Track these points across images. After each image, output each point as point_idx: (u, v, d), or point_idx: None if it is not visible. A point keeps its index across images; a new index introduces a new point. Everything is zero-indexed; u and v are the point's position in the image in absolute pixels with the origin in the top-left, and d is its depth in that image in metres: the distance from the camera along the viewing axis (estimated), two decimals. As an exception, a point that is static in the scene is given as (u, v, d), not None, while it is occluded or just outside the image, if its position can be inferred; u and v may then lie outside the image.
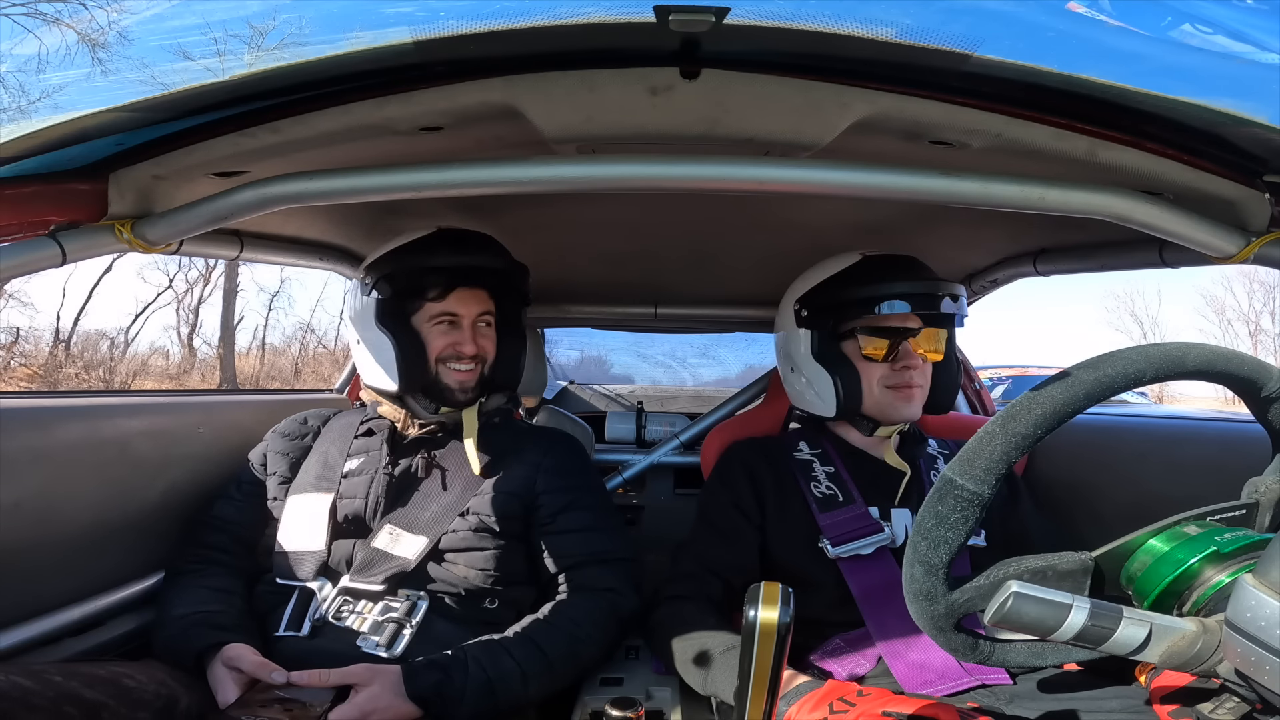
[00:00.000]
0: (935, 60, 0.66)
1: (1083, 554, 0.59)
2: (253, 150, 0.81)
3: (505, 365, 1.25)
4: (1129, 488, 1.31)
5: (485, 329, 1.23)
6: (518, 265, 1.24)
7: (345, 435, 1.24)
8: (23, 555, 0.97)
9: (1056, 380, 0.58)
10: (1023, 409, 0.57)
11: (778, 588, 0.56)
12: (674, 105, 0.74)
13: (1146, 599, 0.58)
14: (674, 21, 0.58)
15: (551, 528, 1.15)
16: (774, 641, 0.55)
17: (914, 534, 0.59)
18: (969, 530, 0.58)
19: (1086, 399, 0.57)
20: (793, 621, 0.55)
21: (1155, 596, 0.57)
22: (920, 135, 0.80)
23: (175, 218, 0.89)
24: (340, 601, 1.05)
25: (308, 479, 1.18)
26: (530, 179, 0.84)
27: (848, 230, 1.40)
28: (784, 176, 0.83)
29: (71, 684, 0.81)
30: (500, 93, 0.72)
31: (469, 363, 1.20)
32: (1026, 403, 0.58)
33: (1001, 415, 0.58)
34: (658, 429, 2.19)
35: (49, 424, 1.04)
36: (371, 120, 0.75)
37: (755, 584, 0.57)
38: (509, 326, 1.28)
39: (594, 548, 1.14)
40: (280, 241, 1.42)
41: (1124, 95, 0.66)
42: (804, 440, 1.24)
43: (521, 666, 0.95)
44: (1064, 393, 0.57)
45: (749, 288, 1.81)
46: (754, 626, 0.55)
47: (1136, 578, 0.59)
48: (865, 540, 1.07)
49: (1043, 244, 1.43)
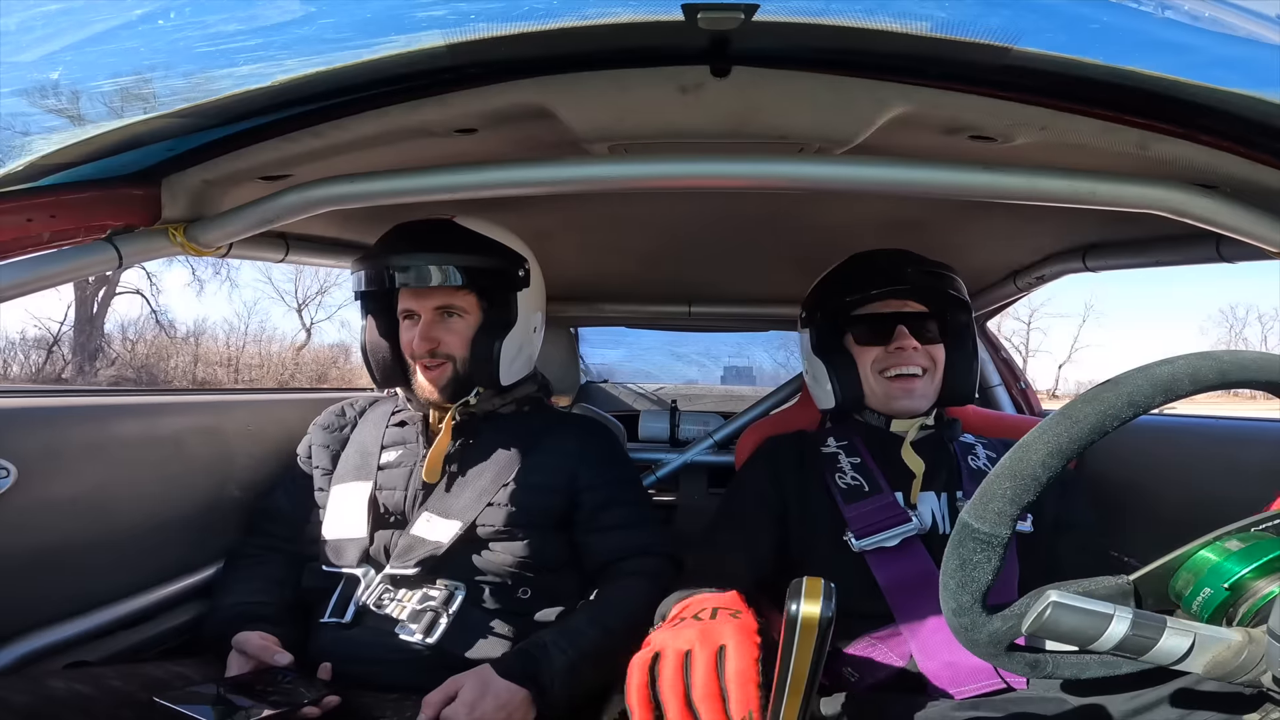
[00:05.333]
0: (974, 54, 0.64)
1: (1120, 578, 0.57)
2: (296, 154, 0.84)
3: (476, 361, 1.16)
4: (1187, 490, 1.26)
5: (448, 321, 1.16)
6: (488, 251, 1.16)
7: (379, 424, 1.26)
8: (80, 550, 1.02)
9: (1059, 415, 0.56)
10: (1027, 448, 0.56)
11: (820, 582, 0.56)
12: (705, 103, 0.74)
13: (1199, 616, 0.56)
14: (703, 19, 0.58)
15: (596, 523, 1.16)
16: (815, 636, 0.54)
17: (943, 576, 0.58)
18: (995, 569, 0.57)
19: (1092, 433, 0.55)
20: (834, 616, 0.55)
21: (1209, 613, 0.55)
22: (960, 130, 0.79)
23: (225, 221, 0.93)
24: (382, 589, 1.07)
25: (347, 469, 1.21)
26: (563, 179, 0.84)
27: (882, 227, 1.37)
28: (818, 174, 0.82)
29: (130, 688, 0.84)
30: (532, 94, 0.73)
31: (429, 359, 1.16)
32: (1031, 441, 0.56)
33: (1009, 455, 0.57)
34: (691, 428, 2.18)
35: (104, 421, 1.09)
36: (408, 123, 0.76)
37: (798, 579, 0.56)
38: (494, 316, 1.18)
39: (641, 542, 1.15)
40: (322, 243, 1.46)
41: (1175, 87, 0.63)
42: (832, 434, 1.23)
43: (596, 645, 0.97)
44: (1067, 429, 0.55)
45: (783, 286, 1.79)
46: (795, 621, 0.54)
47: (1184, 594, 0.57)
48: (891, 532, 1.05)
49: (1092, 239, 1.38)
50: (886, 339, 1.16)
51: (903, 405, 1.16)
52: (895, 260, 1.20)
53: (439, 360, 1.16)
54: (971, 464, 1.14)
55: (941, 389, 1.19)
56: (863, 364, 1.19)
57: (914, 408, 1.16)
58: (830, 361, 1.21)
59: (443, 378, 1.16)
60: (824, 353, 1.23)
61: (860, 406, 1.21)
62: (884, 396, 1.17)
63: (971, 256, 1.19)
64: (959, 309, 1.21)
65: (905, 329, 1.15)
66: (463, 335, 1.17)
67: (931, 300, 1.19)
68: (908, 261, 1.19)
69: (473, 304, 1.18)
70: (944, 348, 1.19)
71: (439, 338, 1.15)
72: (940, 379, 1.19)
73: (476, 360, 1.16)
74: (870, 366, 1.17)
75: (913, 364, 1.15)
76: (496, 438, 1.19)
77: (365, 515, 1.13)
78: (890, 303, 1.18)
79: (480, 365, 1.17)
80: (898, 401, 1.16)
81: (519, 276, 1.19)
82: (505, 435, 1.20)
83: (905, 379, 1.15)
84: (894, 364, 1.15)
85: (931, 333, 1.18)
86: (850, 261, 1.24)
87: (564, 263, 1.27)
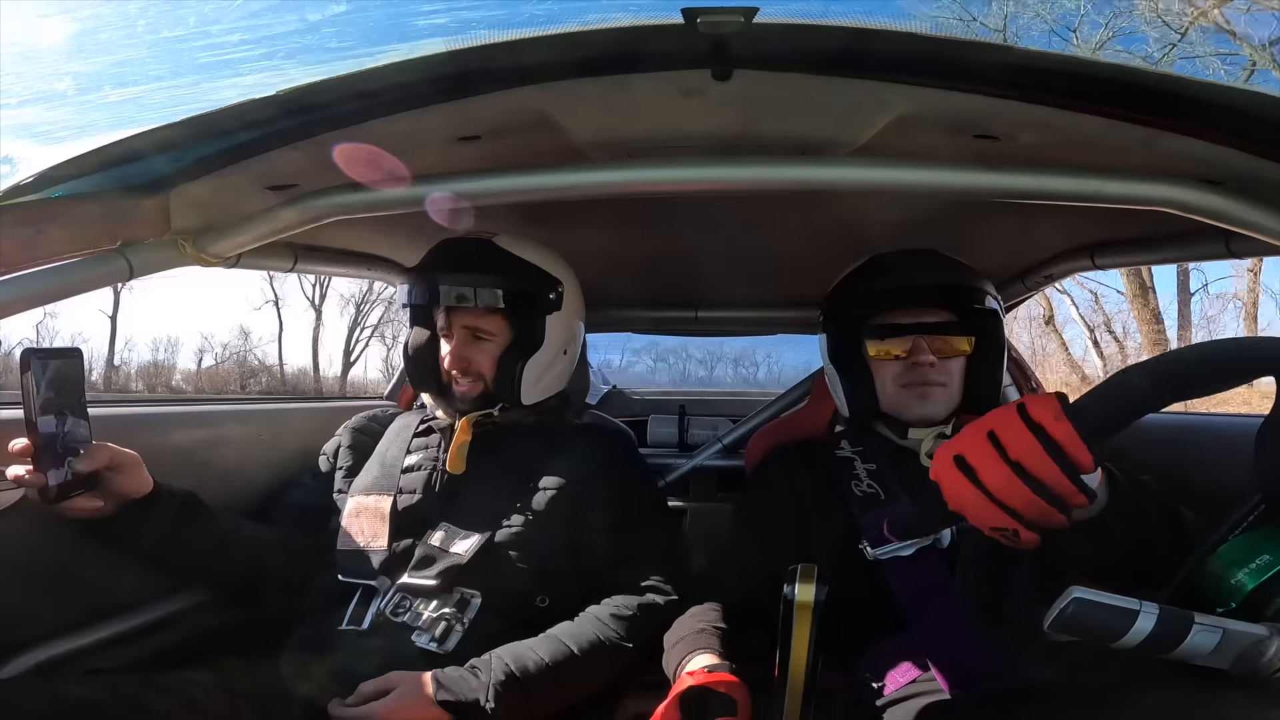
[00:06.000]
0: (976, 53, 0.64)
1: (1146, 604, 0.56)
2: (301, 164, 0.84)
3: (501, 380, 1.19)
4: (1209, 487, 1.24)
5: (476, 342, 1.20)
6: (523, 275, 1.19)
7: (404, 435, 1.28)
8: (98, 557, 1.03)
9: None
10: None
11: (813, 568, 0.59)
12: (707, 107, 0.74)
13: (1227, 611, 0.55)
14: (703, 23, 0.58)
15: (593, 524, 1.16)
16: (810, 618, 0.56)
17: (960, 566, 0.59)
18: None
19: None
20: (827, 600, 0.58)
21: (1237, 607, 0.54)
22: (964, 129, 0.78)
23: (234, 231, 0.94)
24: (399, 598, 1.07)
25: (368, 479, 1.22)
26: (567, 185, 0.85)
27: (891, 228, 1.37)
28: (822, 175, 0.82)
29: (145, 694, 0.84)
30: (534, 100, 0.73)
31: (462, 377, 1.20)
32: None
33: None
34: (701, 432, 2.17)
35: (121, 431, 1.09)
36: (410, 131, 0.77)
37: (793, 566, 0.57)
38: (521, 338, 1.21)
39: (633, 546, 1.14)
40: (330, 253, 1.47)
41: (1180, 84, 0.63)
42: (846, 438, 1.21)
43: (547, 659, 0.96)
44: None
45: (790, 289, 1.79)
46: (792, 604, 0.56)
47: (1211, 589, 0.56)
48: (906, 541, 1.04)
49: (1100, 237, 1.37)
50: (904, 350, 1.13)
51: (918, 413, 1.13)
52: (915, 265, 1.16)
53: (471, 378, 1.20)
54: None
55: (963, 396, 1.15)
56: (879, 375, 1.16)
57: (931, 415, 1.13)
58: (845, 371, 1.18)
59: (474, 392, 1.20)
60: (840, 360, 1.20)
61: (875, 415, 1.18)
62: (899, 403, 1.14)
63: (979, 256, 1.18)
64: (984, 316, 1.16)
65: (924, 343, 1.11)
66: (491, 356, 1.20)
67: (955, 307, 1.14)
68: (929, 267, 1.16)
69: (500, 326, 1.21)
70: (966, 356, 1.15)
71: (470, 357, 1.19)
72: (960, 388, 1.15)
73: (501, 379, 1.20)
74: (886, 378, 1.15)
75: (928, 380, 1.12)
76: (517, 448, 1.21)
77: (386, 527, 1.14)
78: (908, 311, 1.13)
79: (505, 384, 1.20)
80: (912, 409, 1.13)
81: (549, 300, 1.22)
82: (525, 446, 1.21)
83: (922, 384, 1.12)
84: (911, 379, 1.13)
85: (953, 342, 1.13)
86: (868, 265, 1.20)
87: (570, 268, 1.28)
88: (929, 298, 1.12)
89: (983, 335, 1.16)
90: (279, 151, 0.82)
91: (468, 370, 1.19)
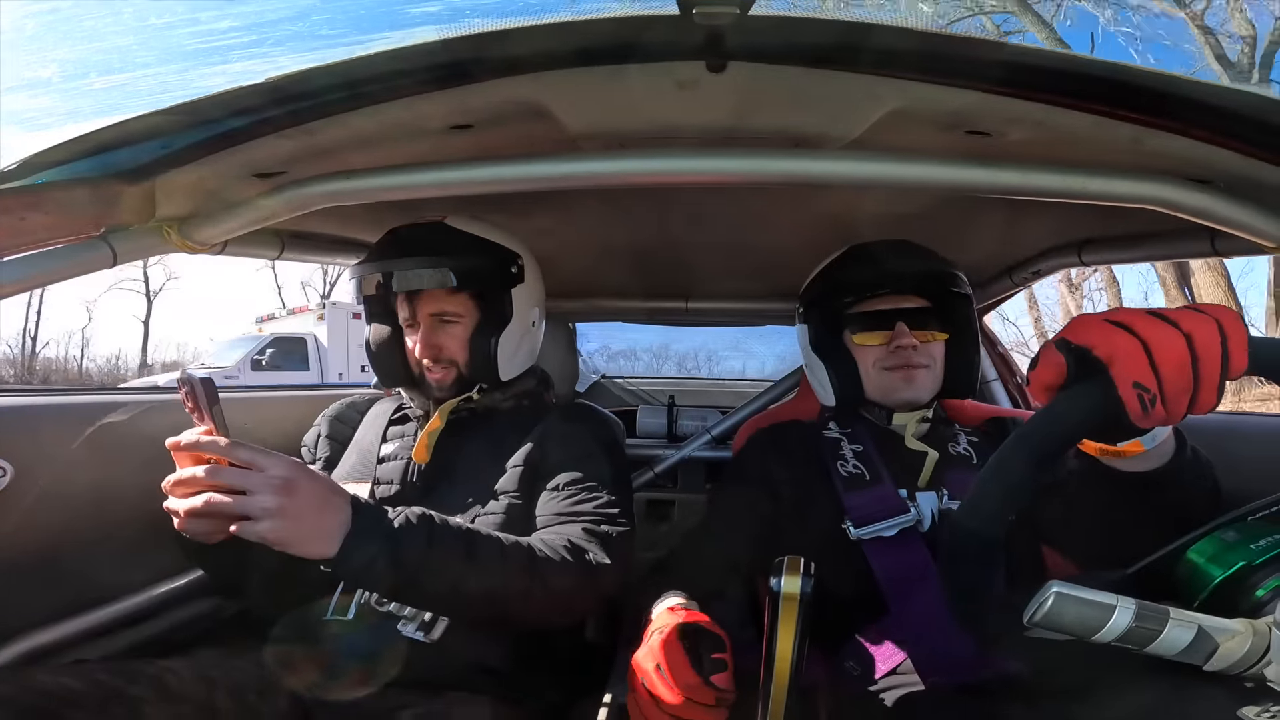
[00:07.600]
0: (970, 49, 0.64)
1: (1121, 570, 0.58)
2: (290, 152, 0.83)
3: (475, 361, 1.18)
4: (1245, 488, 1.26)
5: (444, 326, 1.18)
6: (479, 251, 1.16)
7: (380, 423, 1.27)
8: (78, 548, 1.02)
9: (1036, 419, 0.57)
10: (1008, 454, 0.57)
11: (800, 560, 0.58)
12: (701, 99, 0.74)
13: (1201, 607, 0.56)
14: (698, 14, 0.58)
15: (544, 486, 1.12)
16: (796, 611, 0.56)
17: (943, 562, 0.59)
18: None
19: None
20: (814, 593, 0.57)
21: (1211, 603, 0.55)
22: (956, 125, 0.78)
23: (220, 218, 0.92)
24: None
25: (346, 468, 1.21)
26: (559, 175, 0.84)
27: (881, 222, 1.37)
28: (814, 169, 0.82)
29: (117, 682, 0.84)
30: (527, 90, 0.73)
31: (434, 365, 1.18)
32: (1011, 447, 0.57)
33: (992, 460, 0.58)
34: (689, 423, 2.18)
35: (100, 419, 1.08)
36: (402, 120, 0.76)
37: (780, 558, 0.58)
38: (489, 314, 1.19)
39: (576, 508, 1.08)
40: (318, 241, 1.45)
41: (1169, 83, 0.63)
42: (835, 420, 1.23)
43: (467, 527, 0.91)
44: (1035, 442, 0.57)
45: (781, 281, 1.79)
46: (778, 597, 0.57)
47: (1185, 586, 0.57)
48: (889, 521, 1.05)
49: (1087, 234, 1.38)
50: (886, 336, 1.16)
51: (904, 396, 1.16)
52: (893, 254, 1.19)
53: (444, 365, 1.18)
54: (951, 450, 1.15)
55: (943, 382, 1.19)
56: (862, 362, 1.18)
57: (915, 398, 1.16)
58: (829, 359, 1.20)
59: (448, 379, 1.19)
60: (822, 349, 1.22)
61: (860, 401, 1.21)
62: (885, 387, 1.17)
63: (967, 251, 1.19)
64: (960, 301, 1.20)
65: (905, 326, 1.15)
66: (460, 339, 1.18)
67: (932, 294, 1.18)
68: (906, 255, 1.19)
69: (467, 306, 1.19)
70: (946, 342, 1.19)
71: (441, 344, 1.17)
72: (941, 372, 1.19)
73: (476, 360, 1.18)
74: (869, 364, 1.17)
75: (912, 363, 1.15)
76: (494, 433, 1.19)
77: None
78: (889, 298, 1.17)
79: (480, 364, 1.18)
80: (898, 392, 1.16)
81: (512, 273, 1.19)
82: (502, 430, 1.20)
83: (905, 367, 1.15)
84: (895, 362, 1.15)
85: (932, 327, 1.17)
86: (847, 255, 1.23)
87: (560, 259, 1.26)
88: (909, 284, 1.16)
89: (959, 320, 1.20)
90: (267, 139, 0.80)
91: (439, 357, 1.17)
